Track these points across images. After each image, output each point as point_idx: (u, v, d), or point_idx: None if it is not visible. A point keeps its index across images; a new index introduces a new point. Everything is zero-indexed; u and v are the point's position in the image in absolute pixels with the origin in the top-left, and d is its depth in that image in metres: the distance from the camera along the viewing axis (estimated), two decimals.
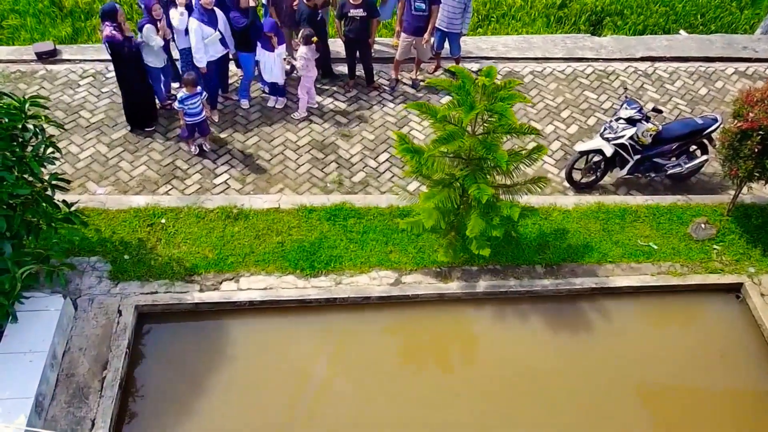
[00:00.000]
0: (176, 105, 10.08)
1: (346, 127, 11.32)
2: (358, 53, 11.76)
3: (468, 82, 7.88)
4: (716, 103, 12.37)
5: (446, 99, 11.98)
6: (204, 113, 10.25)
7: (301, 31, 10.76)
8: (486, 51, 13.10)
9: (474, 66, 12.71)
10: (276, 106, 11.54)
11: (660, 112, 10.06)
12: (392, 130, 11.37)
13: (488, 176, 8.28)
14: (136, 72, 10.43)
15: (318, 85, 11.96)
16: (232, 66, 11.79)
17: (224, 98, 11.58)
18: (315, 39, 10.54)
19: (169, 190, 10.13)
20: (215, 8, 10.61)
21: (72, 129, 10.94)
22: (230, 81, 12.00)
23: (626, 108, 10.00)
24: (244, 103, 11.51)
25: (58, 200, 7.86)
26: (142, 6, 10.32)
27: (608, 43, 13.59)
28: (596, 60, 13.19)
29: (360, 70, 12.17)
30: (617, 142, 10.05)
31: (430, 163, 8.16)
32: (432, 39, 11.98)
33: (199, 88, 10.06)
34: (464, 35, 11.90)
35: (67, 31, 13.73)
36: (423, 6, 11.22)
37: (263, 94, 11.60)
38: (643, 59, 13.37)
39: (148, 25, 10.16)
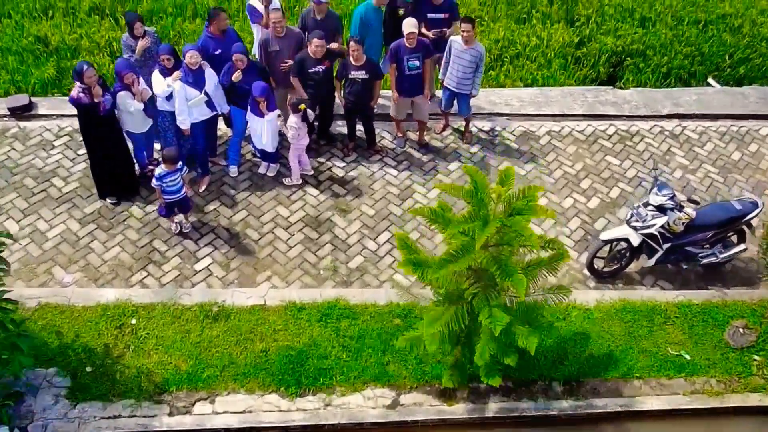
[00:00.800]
0: (154, 182, 8.74)
1: (344, 199, 9.98)
2: (358, 115, 10.25)
3: (481, 189, 6.50)
4: (750, 170, 10.98)
5: (455, 165, 10.57)
6: (184, 190, 8.91)
7: (289, 97, 9.34)
8: (499, 106, 11.70)
9: (486, 125, 11.34)
10: (267, 174, 10.24)
11: (697, 203, 8.65)
12: (394, 203, 10.01)
13: (502, 293, 6.88)
14: (108, 138, 9.22)
15: (314, 146, 10.68)
16: (222, 124, 10.75)
17: (211, 163, 10.17)
18: (302, 107, 9.23)
19: (145, 277, 8.86)
20: (206, 67, 9.43)
21: (42, 201, 9.59)
22: (220, 142, 10.84)
23: (656, 194, 8.63)
24: (233, 171, 10.21)
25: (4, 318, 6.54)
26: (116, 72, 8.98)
27: (632, 97, 12.17)
28: (619, 117, 11.79)
29: (361, 129, 10.94)
30: (646, 232, 8.64)
31: (435, 278, 6.79)
32: (432, 96, 10.95)
33: (179, 164, 8.69)
34: (475, 96, 10.40)
35: (51, 72, 12.41)
36: (417, 64, 10.05)
37: (254, 158, 10.16)
38: (670, 116, 11.82)
39: (121, 93, 8.84)
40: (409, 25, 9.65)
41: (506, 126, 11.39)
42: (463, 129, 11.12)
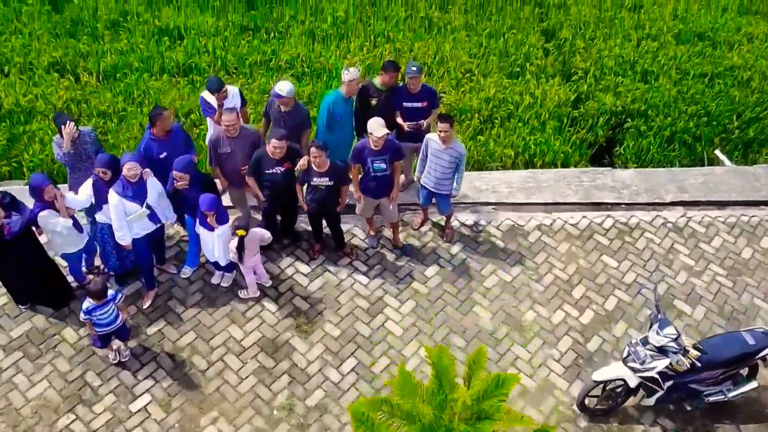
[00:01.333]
0: (82, 316, 7.50)
1: (306, 315, 8.73)
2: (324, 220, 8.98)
3: (445, 386, 5.24)
4: (762, 271, 9.73)
5: (433, 269, 9.26)
6: (120, 319, 7.61)
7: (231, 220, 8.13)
8: (485, 194, 10.41)
9: (469, 218, 10.05)
10: (222, 284, 8.96)
11: (705, 353, 7.34)
12: (362, 320, 8.80)
13: None
14: (24, 258, 8.23)
15: (277, 246, 9.67)
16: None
17: (159, 271, 8.86)
18: (241, 232, 8.13)
19: (72, 422, 7.61)
20: (148, 176, 8.29)
21: None
22: (171, 243, 9.77)
23: (657, 332, 7.37)
24: (185, 272, 8.93)
25: None
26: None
27: (632, 180, 10.87)
28: (617, 206, 10.45)
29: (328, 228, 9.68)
30: (645, 375, 7.35)
31: None
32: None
33: (111, 293, 7.41)
34: (455, 196, 9.09)
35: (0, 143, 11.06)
36: (384, 166, 8.88)
37: (208, 262, 8.87)
38: (674, 204, 10.46)
39: (43, 213, 7.58)
40: (375, 127, 8.36)
41: (492, 219, 10.09)
42: (443, 224, 9.76)
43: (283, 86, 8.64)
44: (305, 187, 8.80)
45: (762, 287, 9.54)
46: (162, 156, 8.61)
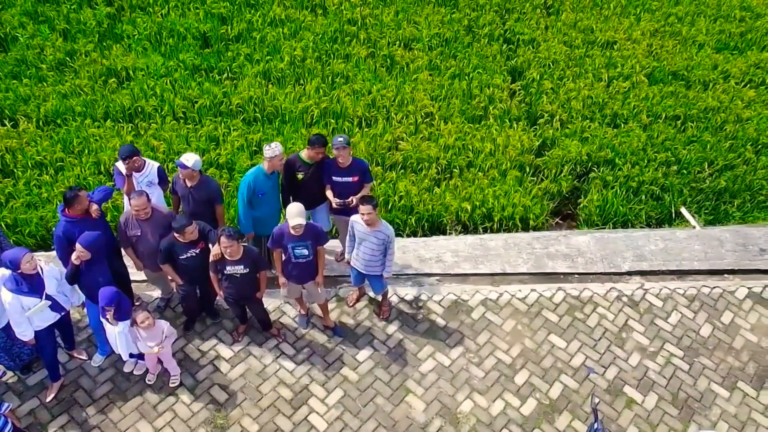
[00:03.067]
0: None
1: (223, 408, 7.93)
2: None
3: None
4: (722, 352, 8.92)
5: (366, 353, 8.46)
6: (9, 426, 6.80)
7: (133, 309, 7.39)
8: (429, 264, 9.61)
9: (409, 292, 9.32)
10: (134, 372, 8.15)
11: None
12: (284, 413, 8.24)
13: None
14: None
15: (199, 327, 9.11)
16: None
17: (69, 356, 8.07)
18: (145, 323, 7.09)
19: None
20: (45, 266, 7.66)
21: None
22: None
23: None
24: (96, 360, 8.25)
25: None
26: None
27: (587, 246, 10.07)
28: (570, 276, 9.62)
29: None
30: None
31: None
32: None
33: None
34: (387, 277, 8.28)
35: None
36: (306, 252, 8.14)
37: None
38: (630, 273, 9.63)
39: None
40: (294, 214, 7.58)
41: (434, 293, 9.29)
42: (379, 298, 8.98)
43: (189, 157, 7.86)
44: (219, 275, 7.91)
45: (720, 370, 8.74)
46: None
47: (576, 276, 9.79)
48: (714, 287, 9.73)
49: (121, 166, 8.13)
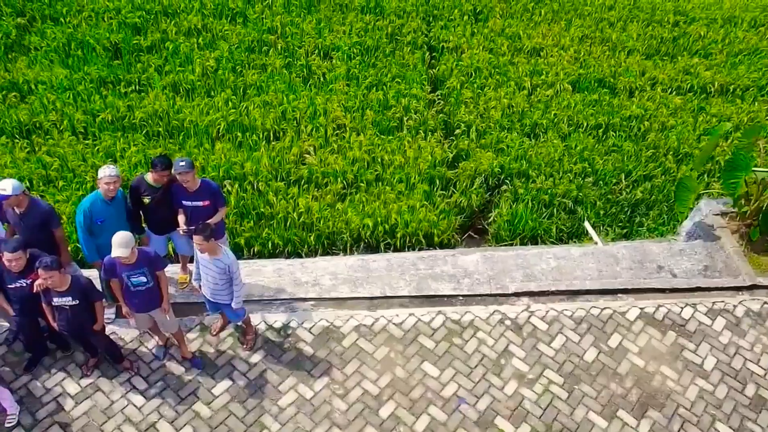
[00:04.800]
0: None
1: None
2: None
3: None
4: (604, 378, 8.35)
5: (225, 385, 7.90)
6: None
7: None
8: (305, 288, 9.04)
9: (279, 319, 8.78)
10: None
11: None
12: None
13: None
14: None
15: (48, 360, 8.50)
16: None
17: None
18: None
19: None
20: None
21: None
22: None
23: None
24: None
25: None
26: None
27: (475, 267, 9.53)
28: (453, 298, 9.01)
29: None
30: None
31: None
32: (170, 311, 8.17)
33: None
34: (236, 308, 7.69)
35: None
36: (144, 279, 7.59)
37: None
38: (517, 295, 9.03)
39: None
40: (115, 244, 6.97)
41: (305, 320, 8.72)
42: (243, 327, 8.39)
43: (6, 184, 7.23)
44: (48, 307, 7.32)
45: (601, 398, 8.18)
46: None
47: (460, 298, 9.18)
48: (604, 308, 9.15)
49: None
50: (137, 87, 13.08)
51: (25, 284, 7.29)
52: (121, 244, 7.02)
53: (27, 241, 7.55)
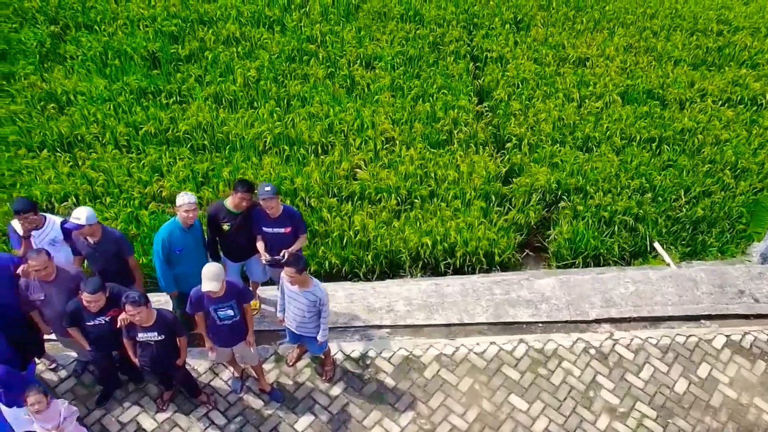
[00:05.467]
0: None
1: None
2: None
3: None
4: (698, 411, 7.95)
5: (306, 420, 7.40)
6: None
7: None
8: (379, 314, 8.56)
9: (356, 348, 8.33)
10: None
11: None
12: None
13: None
14: None
15: (120, 393, 7.98)
16: None
17: None
18: (35, 407, 6.06)
19: None
20: None
21: None
22: None
23: None
24: None
25: None
26: None
27: (552, 291, 9.07)
28: (533, 325, 8.57)
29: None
30: None
31: None
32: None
33: None
34: (321, 341, 7.22)
35: None
36: (231, 313, 7.13)
37: None
38: (598, 321, 8.58)
39: None
40: (208, 277, 6.49)
41: (383, 349, 8.24)
42: (322, 358, 7.91)
43: (80, 213, 6.86)
44: (132, 343, 6.83)
45: None
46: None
47: (539, 325, 8.72)
48: (689, 336, 8.73)
49: (16, 224, 6.96)
50: (178, 98, 12.45)
51: (104, 321, 6.80)
52: (213, 278, 6.54)
53: (102, 272, 7.05)
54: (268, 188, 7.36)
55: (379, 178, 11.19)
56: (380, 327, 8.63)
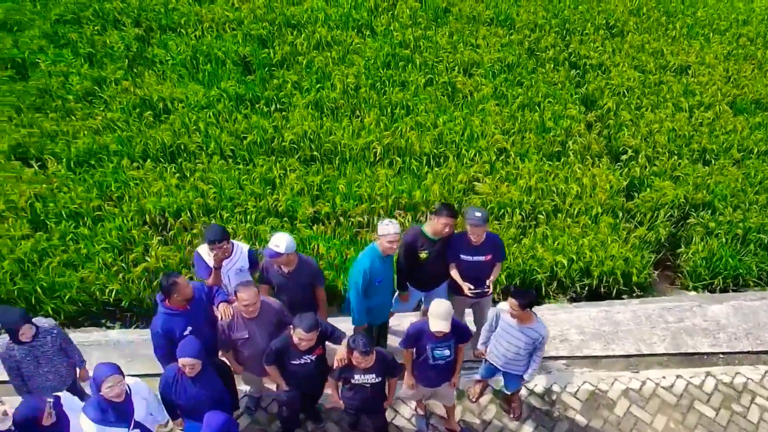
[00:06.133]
0: None
1: None
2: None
3: None
4: None
5: None
6: None
7: None
8: (554, 343, 7.94)
9: (539, 382, 7.56)
10: None
11: None
12: None
13: None
14: None
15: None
16: None
17: None
18: None
19: None
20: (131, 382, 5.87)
21: None
22: None
23: None
24: None
25: None
26: None
27: (727, 318, 8.43)
28: (715, 356, 7.87)
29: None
30: None
31: None
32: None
33: None
34: (527, 380, 6.46)
35: None
36: (447, 353, 6.44)
37: None
38: None
39: None
40: (440, 316, 5.77)
41: (567, 383, 7.53)
42: (508, 393, 7.16)
43: (280, 241, 6.25)
44: (341, 382, 6.06)
45: None
46: (187, 332, 6.18)
47: (721, 356, 7.99)
48: None
49: (204, 251, 6.18)
50: (277, 105, 11.67)
51: (310, 360, 6.02)
52: (444, 317, 5.84)
53: (291, 303, 6.32)
54: (478, 214, 6.63)
55: (500, 193, 10.44)
56: (557, 358, 7.88)
